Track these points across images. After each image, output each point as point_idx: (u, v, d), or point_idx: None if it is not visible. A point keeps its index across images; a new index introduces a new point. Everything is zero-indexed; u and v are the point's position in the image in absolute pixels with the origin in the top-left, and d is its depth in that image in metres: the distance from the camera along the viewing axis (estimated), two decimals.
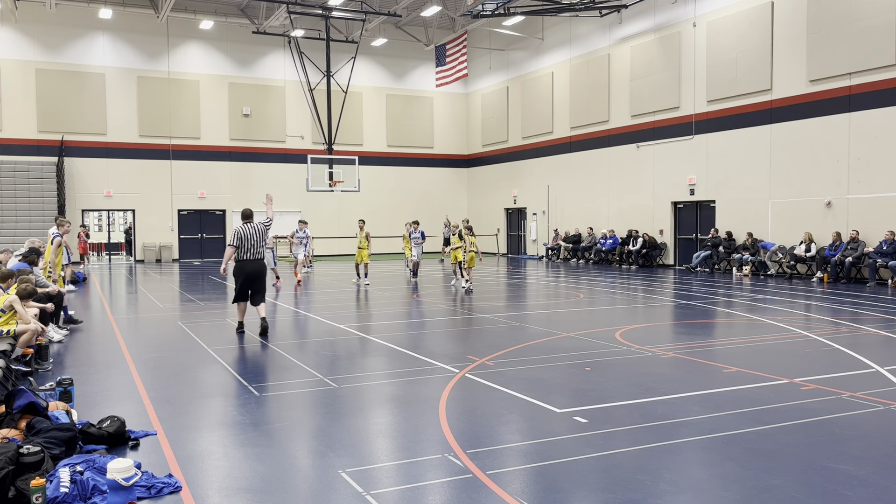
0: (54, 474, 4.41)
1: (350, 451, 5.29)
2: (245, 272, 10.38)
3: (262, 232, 10.42)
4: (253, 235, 10.34)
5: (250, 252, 10.33)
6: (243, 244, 10.30)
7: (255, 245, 10.35)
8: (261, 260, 10.50)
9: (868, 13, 18.44)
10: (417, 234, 19.03)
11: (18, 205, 27.05)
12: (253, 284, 10.48)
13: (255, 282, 10.49)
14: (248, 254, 10.33)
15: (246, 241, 10.30)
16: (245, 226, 10.41)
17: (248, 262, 10.36)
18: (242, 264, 10.39)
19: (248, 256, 10.34)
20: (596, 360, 8.59)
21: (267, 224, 10.49)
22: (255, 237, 10.35)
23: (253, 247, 10.34)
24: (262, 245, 10.44)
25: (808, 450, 5.24)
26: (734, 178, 22.35)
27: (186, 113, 30.98)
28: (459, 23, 32.33)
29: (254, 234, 10.35)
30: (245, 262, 10.37)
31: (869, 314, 12.46)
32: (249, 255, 10.34)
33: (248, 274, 10.39)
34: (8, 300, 8.08)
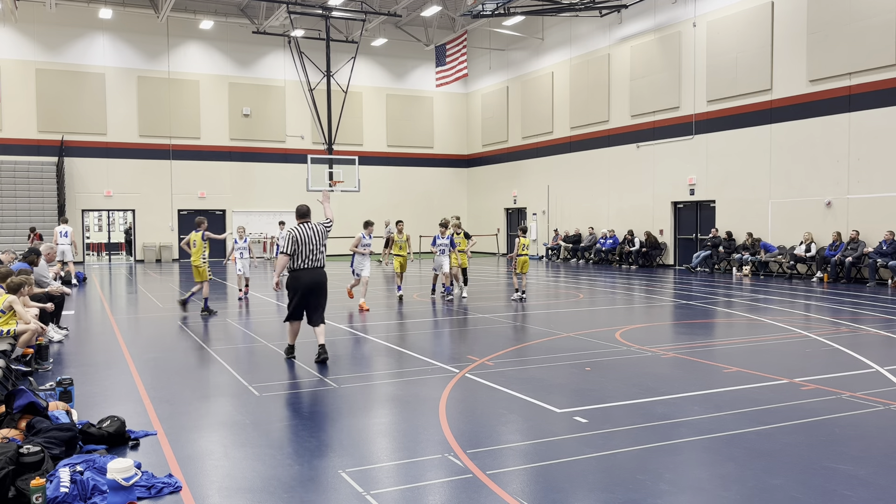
0: (54, 474, 4.41)
1: (350, 451, 5.29)
2: (302, 284, 8.53)
3: (322, 234, 8.63)
4: (311, 239, 8.51)
5: (308, 259, 8.52)
6: (300, 249, 8.48)
7: (313, 250, 8.54)
8: (321, 269, 8.63)
9: (868, 13, 18.44)
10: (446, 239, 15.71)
11: (18, 205, 27.06)
12: (311, 299, 8.60)
13: (315, 296, 8.62)
14: (306, 261, 8.51)
15: (303, 245, 8.47)
16: (301, 227, 8.56)
17: (305, 272, 8.52)
18: (298, 274, 8.54)
19: (305, 265, 8.51)
20: (596, 360, 8.59)
21: (328, 225, 8.76)
22: (314, 240, 8.53)
23: (312, 253, 8.52)
24: (323, 250, 8.66)
25: (808, 450, 5.23)
26: (734, 178, 22.35)
27: (186, 113, 30.99)
28: (459, 23, 32.33)
29: (312, 236, 8.52)
30: (301, 273, 8.52)
31: (869, 314, 12.46)
32: (307, 263, 8.51)
33: (307, 287, 8.52)
34: (7, 300, 8.08)
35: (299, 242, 8.48)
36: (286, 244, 8.49)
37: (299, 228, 8.57)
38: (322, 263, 8.62)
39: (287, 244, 8.49)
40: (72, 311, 13.35)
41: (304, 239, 8.49)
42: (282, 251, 8.60)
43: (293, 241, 8.49)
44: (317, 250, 8.55)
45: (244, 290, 16.29)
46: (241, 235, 16.28)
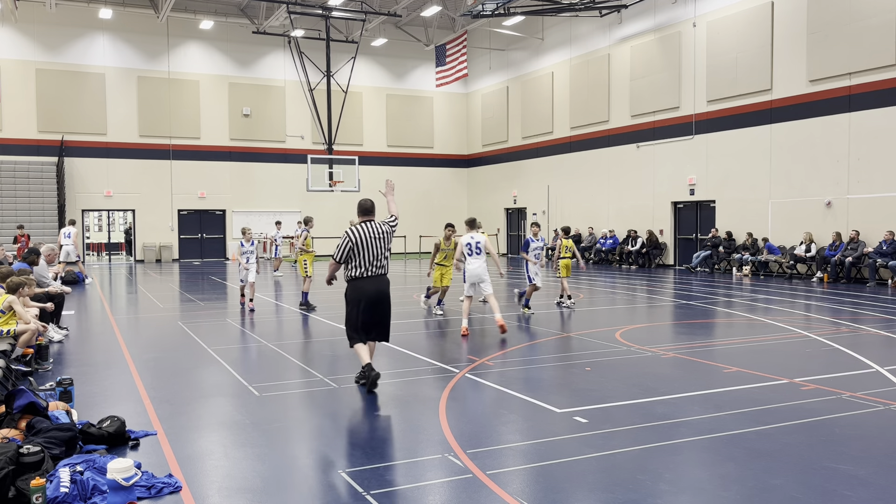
0: (54, 474, 4.41)
1: (350, 451, 5.29)
2: (365, 296, 7.02)
3: (387, 235, 7.17)
4: (375, 240, 7.03)
5: (372, 265, 7.02)
6: (360, 253, 6.98)
7: (377, 255, 7.05)
8: (385, 276, 7.17)
9: (868, 13, 18.44)
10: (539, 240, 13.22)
11: (18, 205, 27.06)
12: (375, 314, 7.10)
13: (380, 310, 7.14)
14: (369, 268, 7.01)
15: (365, 248, 6.98)
16: (362, 226, 7.06)
17: (368, 282, 7.03)
18: (359, 284, 7.03)
19: (368, 272, 7.01)
20: (596, 360, 8.59)
21: (393, 224, 7.26)
22: (377, 243, 7.05)
23: (375, 257, 7.04)
24: (387, 255, 7.23)
25: (808, 450, 5.24)
26: (734, 178, 22.35)
27: (186, 113, 30.99)
28: (459, 23, 32.33)
29: (377, 238, 7.05)
30: (363, 282, 7.02)
31: (869, 314, 12.46)
32: (370, 270, 7.02)
33: (370, 299, 7.04)
34: (7, 300, 8.08)
35: (359, 246, 6.98)
36: (341, 248, 7.02)
37: (360, 228, 7.03)
38: (386, 270, 7.16)
39: (342, 249, 7.00)
40: (72, 311, 13.35)
41: (366, 241, 6.98)
42: (334, 258, 7.12)
43: (354, 243, 6.97)
44: (381, 254, 7.07)
45: (250, 302, 13.71)
46: (247, 238, 14.02)
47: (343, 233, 7.10)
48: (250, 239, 13.99)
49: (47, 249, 11.95)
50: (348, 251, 7.00)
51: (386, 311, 7.19)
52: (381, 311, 7.15)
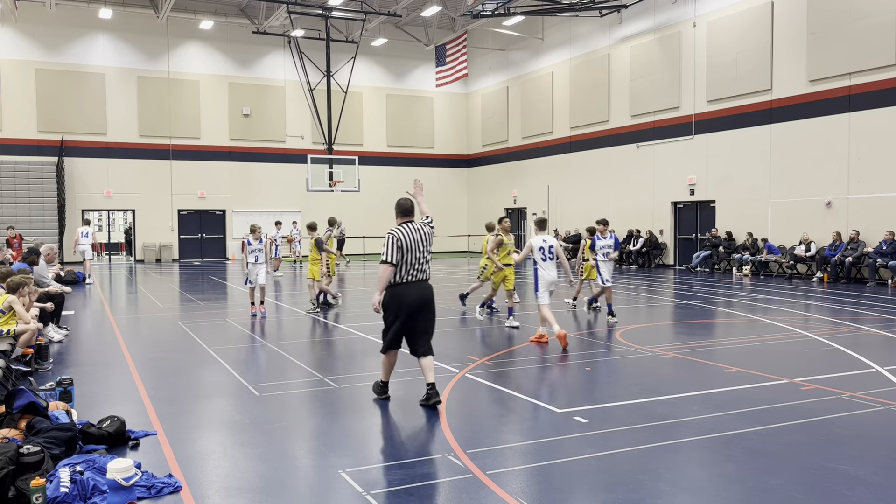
0: (54, 474, 4.41)
1: (350, 451, 5.29)
2: (406, 302, 6.48)
3: (428, 237, 6.67)
4: (418, 243, 6.53)
5: (414, 269, 6.50)
6: (402, 257, 6.46)
7: (419, 258, 6.54)
8: (427, 282, 6.65)
9: (868, 13, 18.44)
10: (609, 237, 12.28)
11: (18, 205, 27.06)
12: (418, 322, 6.56)
13: (423, 318, 6.59)
14: (411, 272, 6.48)
15: (409, 252, 6.47)
16: (405, 228, 6.55)
17: (410, 288, 6.49)
18: (400, 290, 6.49)
19: (409, 277, 6.49)
20: (596, 360, 8.59)
21: (432, 225, 6.81)
22: (420, 246, 6.55)
23: (417, 261, 6.51)
24: (429, 258, 6.70)
25: (808, 450, 5.24)
26: (734, 178, 22.35)
27: (186, 113, 30.99)
28: (459, 23, 32.33)
29: (419, 240, 6.55)
30: (404, 288, 6.48)
31: (869, 314, 12.46)
32: (412, 275, 6.50)
33: (412, 306, 6.50)
34: (7, 300, 8.08)
35: (405, 248, 6.44)
36: (390, 250, 6.43)
37: (404, 230, 6.51)
38: (428, 275, 6.64)
39: (392, 251, 6.43)
40: (72, 311, 13.35)
41: (410, 244, 6.47)
42: (386, 261, 6.45)
43: (401, 246, 6.42)
44: (423, 258, 6.57)
45: (260, 306, 12.89)
46: (256, 236, 13.16)
47: (386, 235, 6.55)
48: (259, 237, 13.11)
49: (46, 249, 11.95)
50: (398, 251, 6.43)
51: (430, 320, 6.63)
52: (425, 320, 6.58)
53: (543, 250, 9.75)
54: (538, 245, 9.75)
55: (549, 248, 9.77)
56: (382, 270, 6.46)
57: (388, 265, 6.44)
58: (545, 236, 9.86)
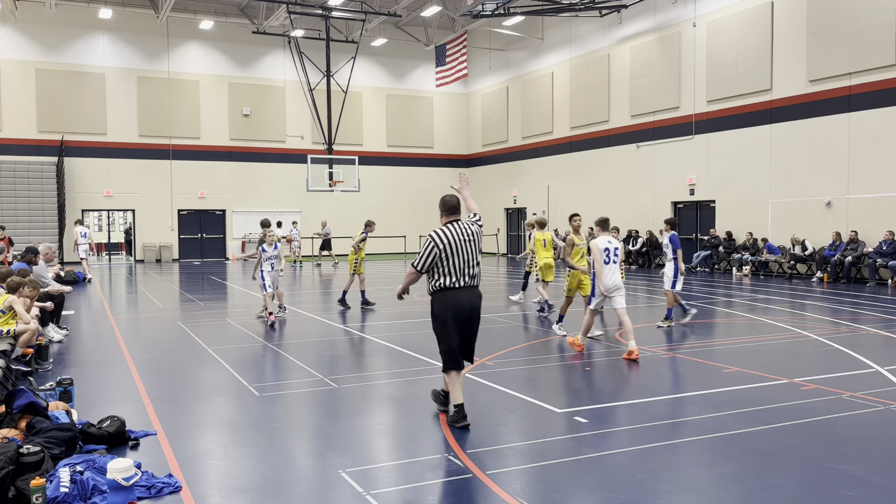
0: (54, 474, 4.41)
1: (350, 451, 5.29)
2: (456, 310, 5.84)
3: (477, 238, 6.02)
4: (466, 245, 5.89)
5: (464, 274, 5.87)
6: (449, 259, 5.82)
7: (468, 261, 5.90)
8: (478, 287, 6.02)
9: (868, 13, 18.44)
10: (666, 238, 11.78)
11: (18, 205, 27.06)
12: (465, 331, 5.93)
13: (468, 327, 5.96)
14: (461, 276, 5.85)
15: (456, 254, 5.83)
16: (452, 228, 5.91)
17: (460, 294, 5.86)
18: (450, 296, 5.85)
19: (460, 281, 5.85)
20: (596, 360, 8.60)
21: (480, 224, 6.16)
22: (469, 247, 5.90)
23: (467, 264, 5.88)
24: (479, 261, 6.07)
25: (808, 450, 5.24)
26: (734, 178, 22.35)
27: (186, 113, 30.99)
28: (459, 23, 32.33)
29: (468, 241, 5.90)
30: (454, 294, 5.85)
31: (869, 314, 12.46)
32: (462, 280, 5.86)
33: (463, 313, 5.87)
34: (8, 300, 8.08)
35: (449, 251, 5.81)
36: (424, 256, 5.85)
37: (448, 231, 5.87)
38: (478, 280, 6.00)
39: (425, 257, 5.84)
40: (72, 311, 13.35)
41: (457, 245, 5.83)
42: (415, 265, 5.92)
43: (437, 251, 5.80)
44: (473, 261, 5.91)
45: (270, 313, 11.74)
46: (270, 241, 12.04)
47: (426, 237, 5.91)
48: (273, 242, 12.03)
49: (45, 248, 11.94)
50: (433, 259, 5.81)
51: (475, 329, 6.02)
52: (471, 329, 5.98)
53: (608, 252, 8.93)
54: (603, 247, 8.94)
55: (615, 250, 9.01)
56: (409, 273, 6.01)
57: (413, 271, 5.90)
58: (609, 237, 9.13)
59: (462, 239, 5.86)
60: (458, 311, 5.83)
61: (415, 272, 5.96)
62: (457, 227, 5.91)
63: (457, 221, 5.97)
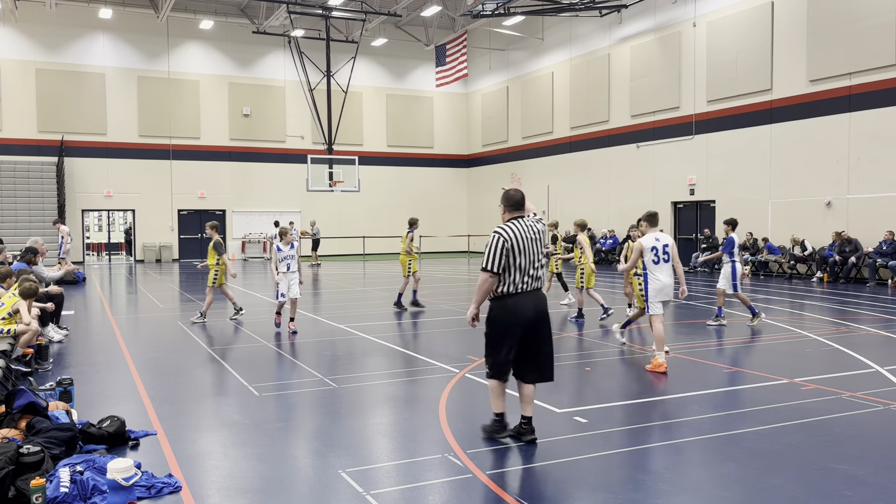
0: (54, 474, 4.41)
1: (350, 451, 5.28)
2: (521, 319, 5.25)
3: (542, 237, 5.47)
4: (531, 245, 5.32)
5: (529, 276, 5.31)
6: (516, 259, 5.25)
7: (533, 262, 5.34)
8: (541, 291, 5.43)
9: (868, 13, 18.44)
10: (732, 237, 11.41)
11: (18, 205, 27.05)
12: (532, 341, 5.32)
13: (539, 335, 5.35)
14: (525, 280, 5.28)
15: (522, 255, 5.26)
16: (516, 225, 5.35)
17: (525, 298, 5.29)
18: (512, 302, 5.27)
19: (525, 284, 5.28)
20: (596, 360, 8.59)
21: (544, 222, 5.74)
22: (534, 248, 5.34)
23: (532, 266, 5.33)
24: (544, 262, 5.52)
25: (808, 450, 5.23)
26: (734, 178, 22.35)
27: (186, 113, 30.99)
28: (459, 23, 32.33)
29: (532, 241, 5.34)
30: (517, 299, 5.27)
31: (869, 314, 12.46)
32: (526, 284, 5.29)
33: (529, 321, 5.27)
34: (17, 303, 8.09)
35: (517, 250, 5.23)
36: (494, 255, 5.22)
37: (515, 228, 5.31)
38: (542, 283, 5.44)
39: (495, 255, 5.22)
40: (72, 311, 13.35)
41: (523, 244, 5.27)
42: (487, 268, 5.24)
43: (506, 249, 5.22)
44: (537, 262, 5.35)
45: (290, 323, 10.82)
46: (287, 240, 10.76)
47: (492, 234, 5.33)
48: (290, 241, 10.75)
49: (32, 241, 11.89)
50: (506, 254, 5.21)
51: (547, 337, 5.37)
52: (542, 337, 5.34)
53: (657, 251, 8.26)
54: (650, 245, 8.27)
55: (664, 247, 8.29)
56: (482, 280, 5.25)
57: (488, 274, 5.22)
58: (657, 234, 8.41)
59: (528, 237, 5.31)
60: (522, 320, 5.21)
61: (489, 276, 5.22)
62: (522, 223, 5.37)
63: (521, 219, 5.43)
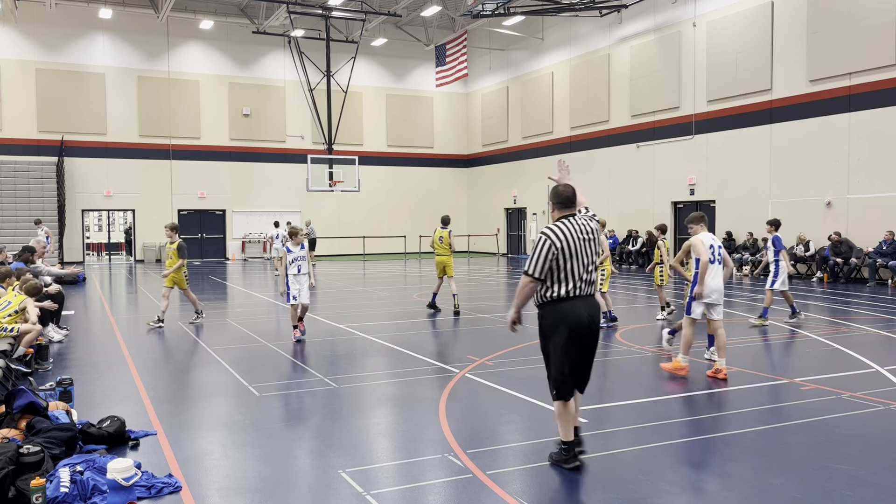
0: (54, 474, 4.41)
1: (350, 451, 5.29)
2: (574, 325, 4.76)
3: (595, 234, 4.92)
4: (584, 245, 4.82)
5: (582, 279, 4.79)
6: (566, 263, 4.73)
7: (586, 265, 4.83)
8: (594, 297, 4.93)
9: (868, 13, 18.44)
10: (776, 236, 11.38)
11: (18, 205, 27.05)
12: (584, 351, 4.87)
13: (589, 344, 4.88)
14: (579, 283, 4.78)
15: (574, 256, 4.75)
16: (567, 224, 4.83)
17: (578, 303, 4.79)
18: (568, 308, 4.78)
19: (577, 289, 4.77)
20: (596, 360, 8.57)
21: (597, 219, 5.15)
22: (588, 247, 4.85)
23: (585, 269, 4.82)
24: (597, 264, 4.95)
25: (808, 450, 5.24)
26: (734, 178, 22.35)
27: (186, 113, 30.99)
28: (459, 23, 32.33)
29: (586, 241, 4.84)
30: (573, 304, 4.78)
31: (869, 314, 12.46)
32: (580, 287, 4.79)
33: (582, 328, 4.78)
34: (23, 301, 8.10)
35: (568, 252, 4.74)
36: (539, 259, 4.72)
37: (565, 228, 4.80)
38: (596, 287, 4.97)
39: (540, 260, 4.72)
40: (72, 311, 13.35)
41: (576, 245, 4.77)
42: (528, 272, 4.75)
43: (555, 250, 4.71)
44: (590, 264, 4.85)
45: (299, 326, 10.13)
46: (297, 241, 10.09)
47: (539, 234, 4.80)
48: (300, 242, 10.09)
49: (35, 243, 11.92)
50: (551, 260, 4.71)
51: (594, 347, 4.93)
52: (590, 348, 4.89)
53: (713, 250, 7.74)
54: (708, 244, 7.76)
55: (719, 248, 7.83)
56: (522, 284, 4.78)
57: (529, 279, 4.73)
58: (709, 234, 7.90)
59: (581, 238, 4.79)
60: (576, 326, 4.75)
61: (530, 281, 4.75)
62: (574, 222, 4.84)
63: (573, 217, 4.90)
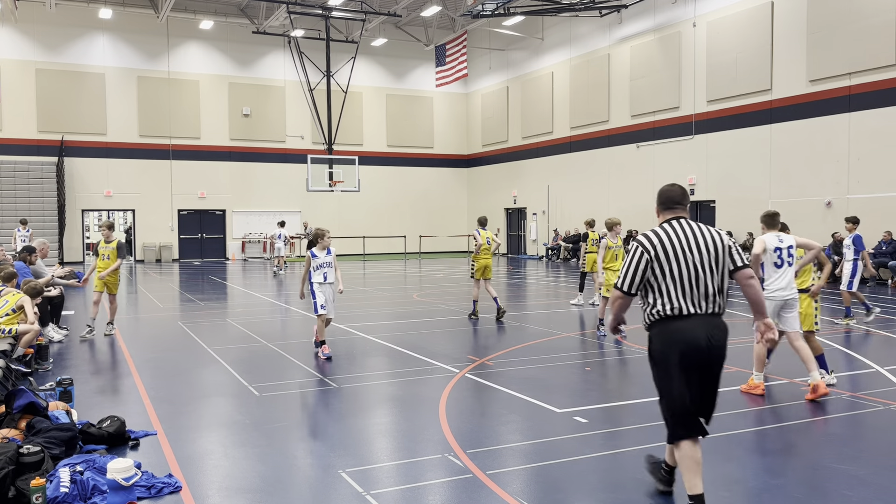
0: (54, 474, 4.41)
1: (350, 451, 5.29)
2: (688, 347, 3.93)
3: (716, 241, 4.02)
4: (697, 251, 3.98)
5: (694, 292, 3.96)
6: (668, 272, 3.97)
7: (701, 275, 3.97)
8: (720, 317, 4.02)
9: (868, 13, 18.45)
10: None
11: (18, 205, 27.04)
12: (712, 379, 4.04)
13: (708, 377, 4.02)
14: (692, 298, 3.95)
15: (676, 264, 3.96)
16: (669, 229, 4.08)
17: (693, 322, 3.94)
18: (676, 328, 3.97)
19: (689, 305, 3.94)
20: (596, 360, 8.59)
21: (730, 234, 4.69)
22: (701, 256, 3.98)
23: (700, 281, 3.96)
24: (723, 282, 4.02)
25: (808, 450, 5.24)
26: (734, 178, 22.36)
27: (186, 113, 30.99)
28: (459, 23, 32.33)
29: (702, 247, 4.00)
30: (685, 323, 3.95)
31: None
32: (694, 303, 3.95)
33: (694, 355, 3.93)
34: (21, 300, 8.08)
35: (668, 261, 3.98)
36: (628, 270, 4.05)
37: (666, 231, 4.06)
38: (722, 307, 4.01)
39: (629, 272, 4.04)
40: (72, 311, 13.35)
41: (680, 252, 3.98)
42: (617, 285, 4.09)
43: (649, 257, 4.00)
44: (708, 276, 3.96)
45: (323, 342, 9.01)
46: (323, 245, 8.99)
47: (632, 243, 4.09)
48: (326, 246, 9.00)
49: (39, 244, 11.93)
50: (643, 271, 4.00)
51: (717, 376, 4.05)
52: (710, 379, 4.03)
53: (780, 251, 6.83)
54: (773, 245, 6.85)
55: (788, 248, 6.86)
56: (612, 298, 4.15)
57: (619, 293, 4.07)
58: (780, 233, 7.00)
59: (689, 244, 3.97)
60: (688, 351, 3.91)
61: (620, 296, 4.07)
62: (680, 226, 4.05)
63: (680, 219, 4.10)
